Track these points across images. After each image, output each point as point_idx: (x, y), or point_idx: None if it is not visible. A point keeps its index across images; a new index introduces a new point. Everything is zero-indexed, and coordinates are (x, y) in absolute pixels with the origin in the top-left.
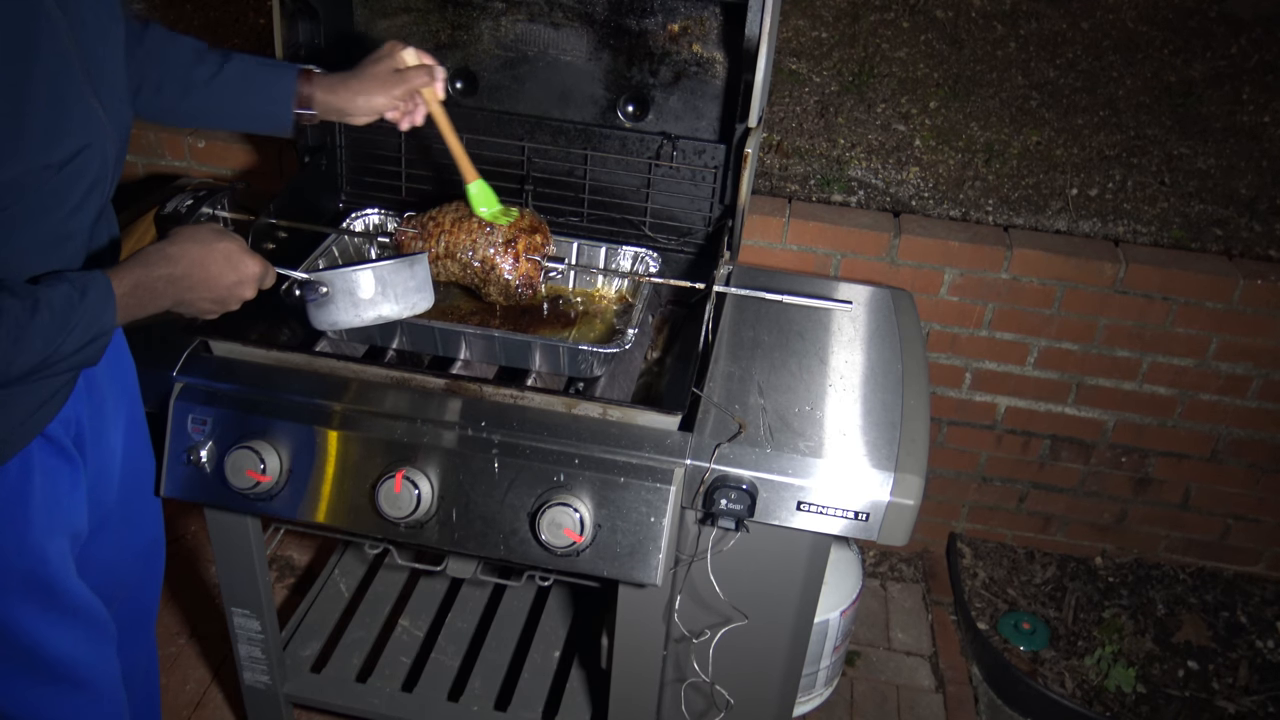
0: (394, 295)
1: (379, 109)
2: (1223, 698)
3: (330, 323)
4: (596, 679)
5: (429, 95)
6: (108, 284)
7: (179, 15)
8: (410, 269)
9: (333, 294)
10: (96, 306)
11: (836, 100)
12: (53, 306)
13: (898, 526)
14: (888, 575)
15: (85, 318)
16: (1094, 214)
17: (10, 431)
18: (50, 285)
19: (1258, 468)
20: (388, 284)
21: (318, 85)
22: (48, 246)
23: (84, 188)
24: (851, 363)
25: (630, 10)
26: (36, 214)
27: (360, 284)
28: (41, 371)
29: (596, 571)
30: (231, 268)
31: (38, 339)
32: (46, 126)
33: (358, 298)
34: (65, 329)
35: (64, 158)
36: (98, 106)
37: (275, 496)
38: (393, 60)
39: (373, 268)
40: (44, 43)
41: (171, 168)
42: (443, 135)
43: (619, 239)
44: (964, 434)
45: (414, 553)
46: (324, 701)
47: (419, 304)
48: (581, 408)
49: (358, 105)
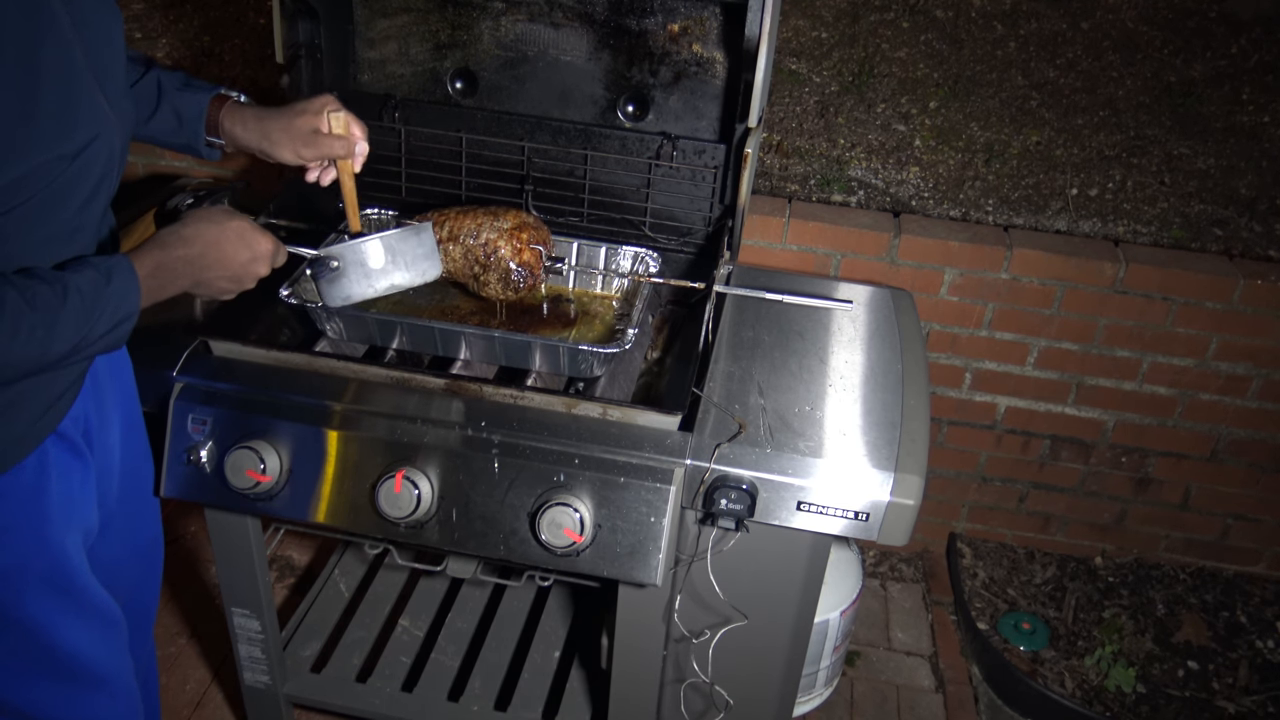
0: (404, 263)
1: (284, 161)
2: (1223, 698)
3: (344, 296)
4: (596, 679)
5: (343, 166)
6: (131, 267)
7: (179, 15)
8: (417, 236)
9: (344, 267)
10: (122, 289)
11: (836, 100)
12: (82, 291)
13: (898, 526)
14: (888, 575)
15: (113, 301)
16: (1094, 214)
17: (28, 427)
18: (77, 270)
19: (1258, 468)
20: (396, 252)
21: (228, 115)
22: (61, 239)
23: (94, 180)
24: (851, 363)
25: (630, 10)
26: (50, 207)
27: (369, 254)
28: (75, 355)
29: (596, 571)
30: (245, 245)
31: (70, 324)
32: (57, 119)
33: (369, 268)
34: (95, 313)
35: (75, 149)
36: (102, 99)
37: (275, 496)
38: (318, 119)
39: (380, 237)
40: (49, 38)
41: (171, 168)
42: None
43: (619, 239)
44: (964, 434)
45: (414, 553)
46: (324, 701)
47: (428, 271)
48: (581, 408)
49: (263, 149)
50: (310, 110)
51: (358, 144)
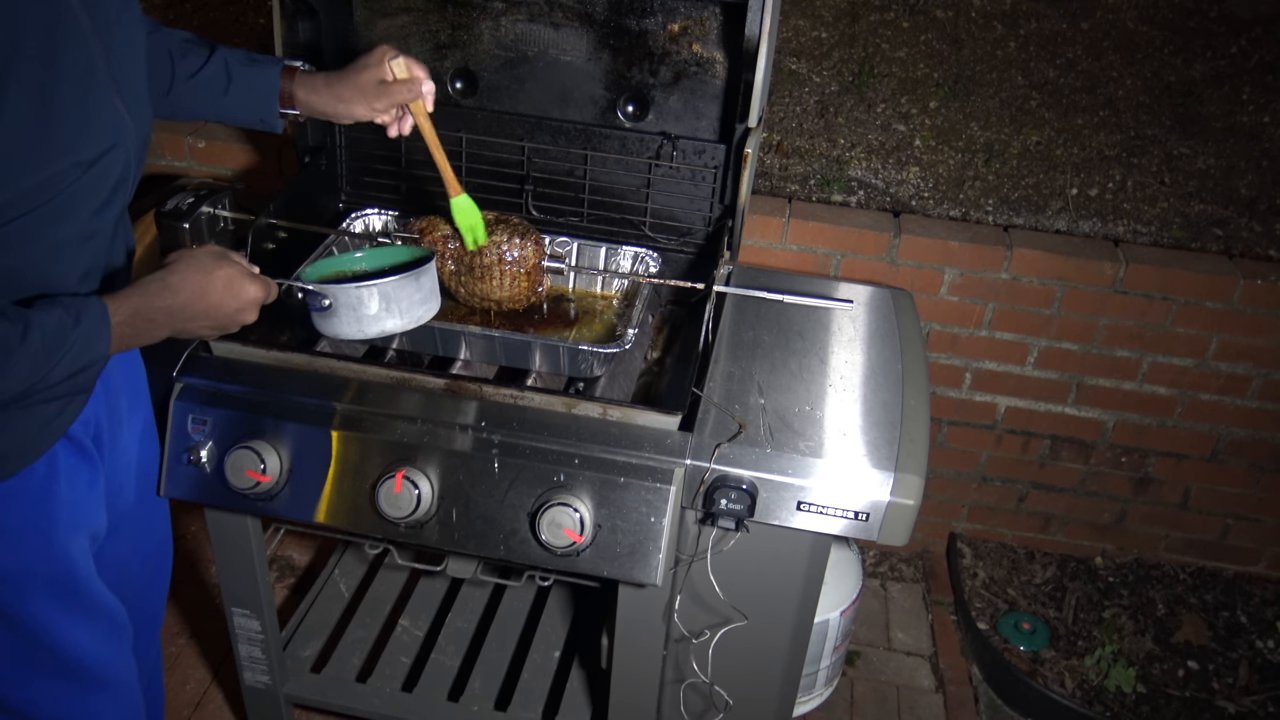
0: (398, 310)
1: (359, 118)
2: (1223, 698)
3: (333, 333)
4: (596, 679)
5: (417, 109)
6: (104, 311)
7: (179, 15)
8: (416, 281)
9: (336, 307)
10: (90, 334)
11: (836, 100)
12: (45, 330)
13: (898, 526)
14: (888, 575)
15: (77, 345)
16: (1094, 214)
17: (36, 433)
18: (44, 309)
19: (1258, 468)
20: (392, 300)
21: (300, 84)
22: (73, 245)
23: (109, 187)
24: (851, 363)
25: (630, 10)
26: (64, 213)
27: (364, 300)
28: (30, 396)
29: (596, 571)
30: (233, 295)
31: (25, 363)
32: (74, 127)
33: (361, 313)
34: (56, 355)
35: (91, 157)
36: (121, 107)
37: (275, 496)
38: (380, 70)
39: (378, 285)
40: (69, 45)
41: (172, 168)
42: (429, 148)
43: (619, 239)
44: (964, 434)
45: (414, 553)
46: (324, 701)
47: (423, 315)
48: (581, 408)
49: (338, 111)
50: (371, 63)
51: (423, 84)
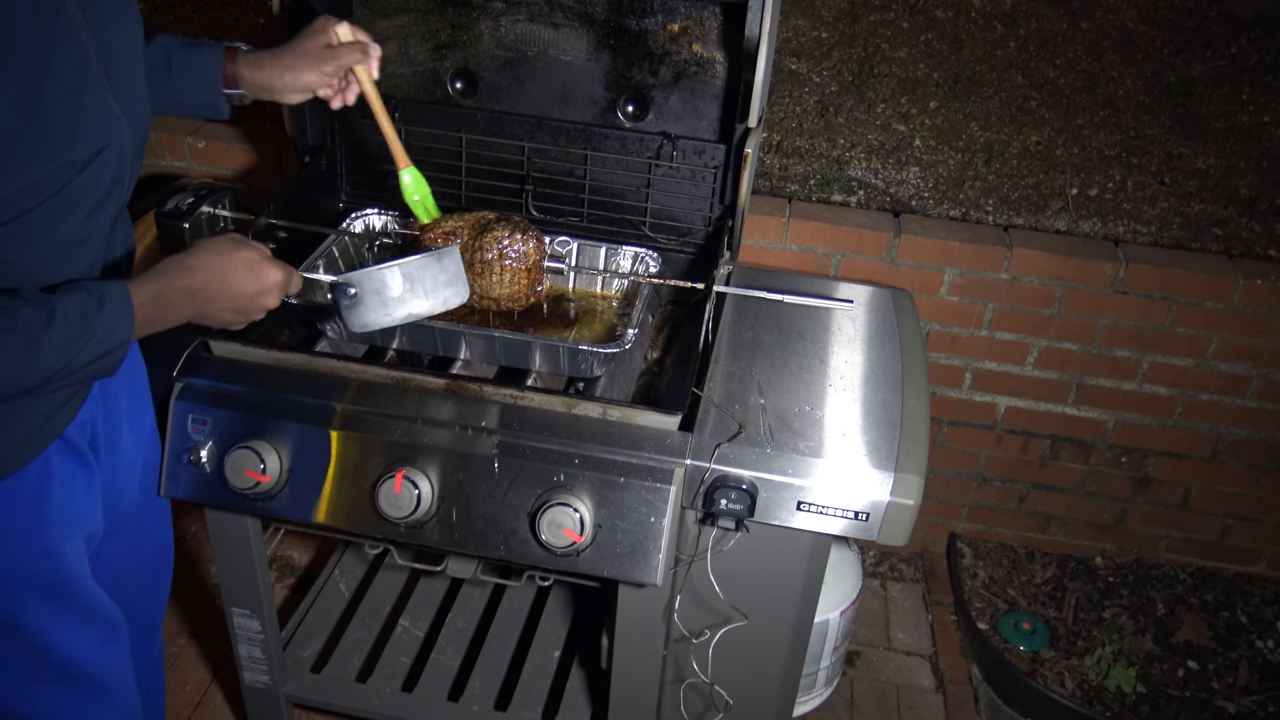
0: (423, 291)
1: (308, 86)
2: (1223, 698)
3: (362, 324)
4: (596, 679)
5: (362, 74)
6: (126, 295)
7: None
8: (439, 263)
9: (361, 294)
10: (114, 317)
11: (836, 100)
12: (69, 316)
13: (898, 526)
14: (888, 575)
15: (102, 329)
16: (1094, 214)
17: (30, 435)
18: (67, 294)
19: (1258, 468)
20: (416, 280)
21: (244, 63)
22: (67, 247)
23: (103, 188)
24: (851, 363)
25: (630, 10)
26: (57, 215)
27: (388, 282)
28: (55, 382)
29: (596, 571)
30: (253, 276)
31: (52, 349)
32: (67, 126)
33: (386, 296)
34: (81, 339)
35: (85, 157)
36: (115, 107)
37: (275, 496)
38: (325, 35)
39: (399, 264)
40: (63, 44)
41: (171, 168)
42: (375, 116)
43: (619, 239)
44: (964, 434)
45: (414, 553)
46: (324, 701)
47: (451, 299)
48: (581, 408)
49: (286, 83)
50: (314, 30)
51: (369, 46)
